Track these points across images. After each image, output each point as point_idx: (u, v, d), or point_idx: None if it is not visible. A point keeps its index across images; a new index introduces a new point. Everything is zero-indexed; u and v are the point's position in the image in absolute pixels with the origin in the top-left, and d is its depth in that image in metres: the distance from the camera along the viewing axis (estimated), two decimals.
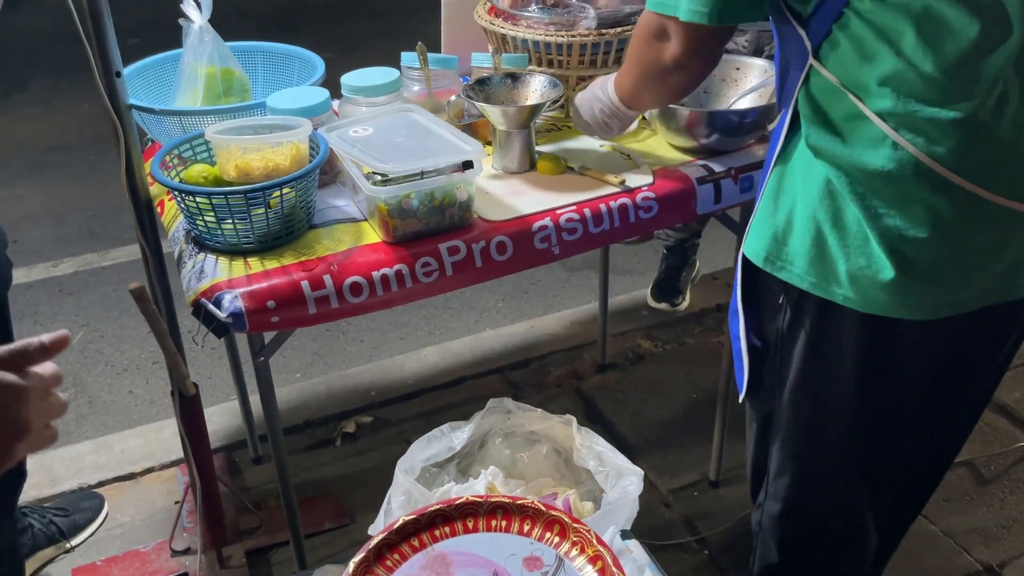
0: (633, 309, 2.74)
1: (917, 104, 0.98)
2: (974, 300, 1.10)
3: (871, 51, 0.99)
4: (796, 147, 1.11)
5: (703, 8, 1.06)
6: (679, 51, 1.14)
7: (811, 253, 1.10)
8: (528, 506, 1.07)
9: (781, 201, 1.13)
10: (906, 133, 0.99)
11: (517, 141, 1.54)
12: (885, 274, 1.05)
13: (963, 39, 0.95)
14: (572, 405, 2.34)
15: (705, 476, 2.10)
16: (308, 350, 2.70)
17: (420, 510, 1.07)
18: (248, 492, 2.07)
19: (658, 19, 1.13)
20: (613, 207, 1.47)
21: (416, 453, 1.42)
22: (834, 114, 1.05)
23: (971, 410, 1.33)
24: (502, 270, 1.42)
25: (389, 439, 2.24)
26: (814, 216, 1.08)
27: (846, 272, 1.08)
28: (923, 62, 0.96)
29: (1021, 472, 2.11)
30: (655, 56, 1.18)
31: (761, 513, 1.41)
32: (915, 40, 0.96)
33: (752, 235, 1.18)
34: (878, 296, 1.07)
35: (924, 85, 0.97)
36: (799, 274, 1.12)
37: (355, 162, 1.38)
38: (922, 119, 0.99)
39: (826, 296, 1.11)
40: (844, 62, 1.02)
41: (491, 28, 1.69)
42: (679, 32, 1.12)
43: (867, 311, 1.09)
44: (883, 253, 1.04)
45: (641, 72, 1.25)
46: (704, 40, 1.13)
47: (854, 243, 1.06)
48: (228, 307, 1.25)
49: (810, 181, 1.09)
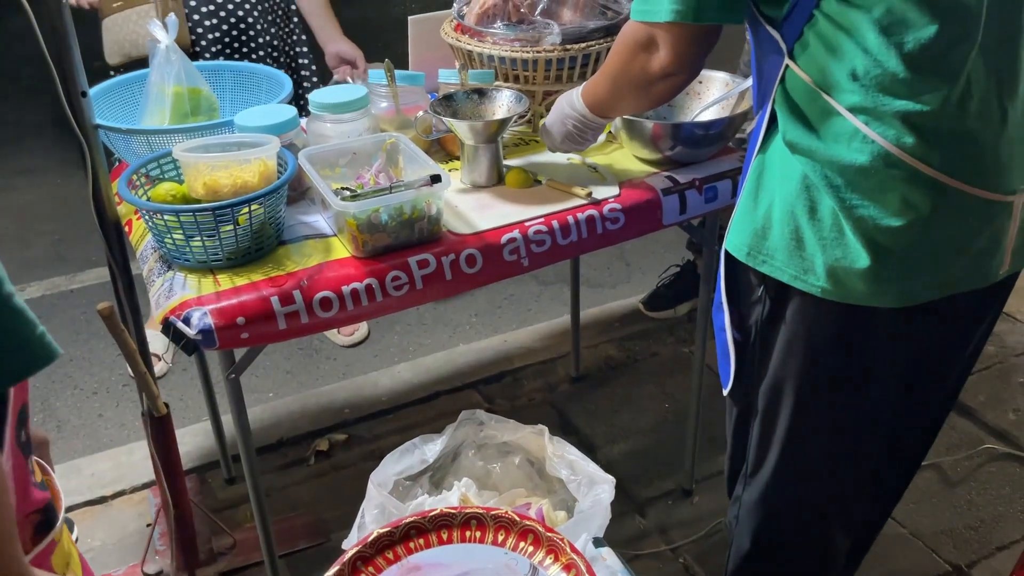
0: (605, 321, 2.76)
1: (885, 98, 1.02)
2: (947, 286, 1.13)
3: (839, 49, 1.03)
4: (774, 144, 1.15)
5: (681, 7, 1.09)
6: (668, 59, 1.16)
7: (790, 247, 1.14)
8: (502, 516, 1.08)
9: (760, 197, 1.17)
10: (876, 127, 1.04)
11: (485, 155, 1.55)
12: (861, 263, 1.09)
13: (924, 35, 1.00)
14: (546, 418, 2.35)
15: (679, 485, 2.11)
16: (280, 369, 2.68)
17: (394, 523, 1.07)
18: (221, 513, 2.05)
19: (645, 29, 1.16)
20: (580, 219, 1.48)
21: (389, 466, 1.42)
22: (808, 111, 1.09)
23: (943, 401, 1.37)
24: (472, 282, 1.43)
25: (363, 456, 2.23)
26: (792, 210, 1.12)
27: (823, 264, 1.11)
28: (888, 58, 1.01)
29: (987, 474, 2.15)
30: (641, 66, 1.20)
31: (739, 506, 1.42)
32: (879, 37, 1.00)
33: (733, 231, 1.21)
34: (855, 286, 1.11)
35: (891, 80, 1.02)
36: (779, 267, 1.16)
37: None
38: (890, 113, 1.03)
39: (805, 288, 1.14)
40: (815, 61, 1.06)
41: (457, 45, 1.71)
42: (667, 40, 1.14)
43: (845, 301, 1.13)
44: (858, 243, 1.08)
45: (626, 83, 1.26)
46: (691, 45, 1.15)
47: (830, 235, 1.10)
48: (197, 324, 1.25)
49: (787, 177, 1.12)
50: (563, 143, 1.50)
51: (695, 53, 1.17)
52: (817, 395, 1.24)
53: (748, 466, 1.38)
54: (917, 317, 1.15)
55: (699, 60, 1.19)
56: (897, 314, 1.14)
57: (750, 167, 1.19)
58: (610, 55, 1.27)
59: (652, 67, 1.18)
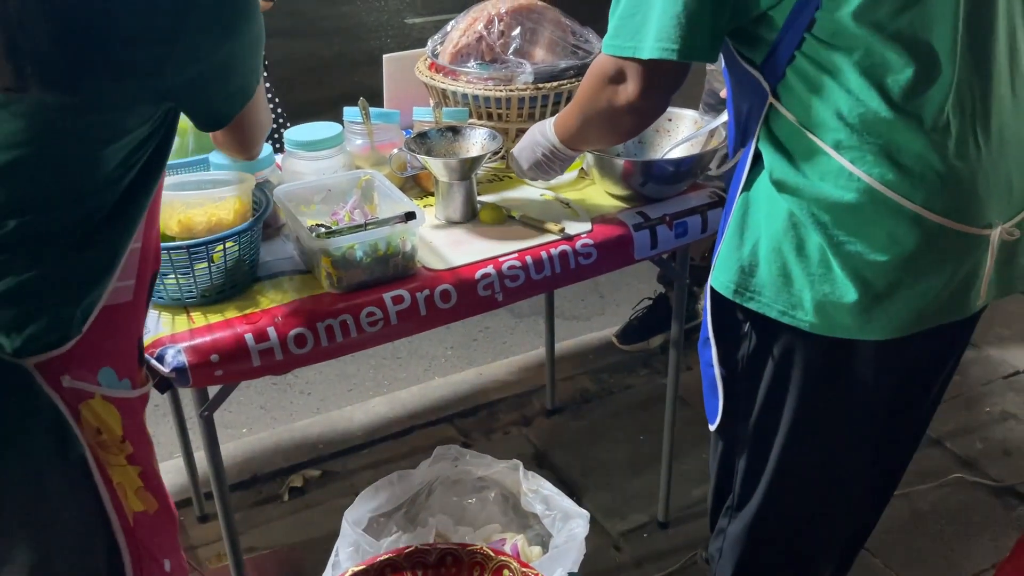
0: (580, 353, 2.77)
1: (870, 136, 1.06)
2: (929, 318, 1.16)
3: (823, 89, 1.07)
4: (758, 183, 1.17)
5: (673, 45, 1.08)
6: (635, 92, 1.15)
7: (777, 283, 1.16)
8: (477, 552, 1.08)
9: (746, 235, 1.19)
10: (861, 164, 1.07)
11: (459, 192, 1.57)
12: (849, 298, 1.11)
13: (903, 77, 1.03)
14: (521, 451, 2.35)
15: (654, 517, 2.12)
16: (254, 404, 2.66)
17: (369, 560, 1.07)
18: (193, 551, 2.02)
19: (615, 62, 1.16)
20: (554, 254, 1.50)
21: (363, 503, 1.42)
22: (794, 149, 1.11)
23: (917, 430, 1.40)
24: (446, 318, 1.44)
25: (338, 492, 2.22)
26: (779, 247, 1.14)
27: (812, 299, 1.14)
28: (870, 98, 1.04)
29: (957, 503, 2.18)
30: (608, 99, 1.20)
31: (723, 539, 1.43)
32: (860, 78, 1.04)
33: (719, 268, 1.23)
34: (843, 320, 1.14)
35: (874, 119, 1.05)
36: (767, 303, 1.18)
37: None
38: (875, 151, 1.06)
39: (793, 323, 1.17)
40: (800, 100, 1.09)
41: (432, 83, 1.73)
42: (637, 73, 1.14)
43: (832, 335, 1.16)
44: (846, 278, 1.11)
45: (593, 115, 1.27)
46: (662, 81, 1.15)
47: (818, 271, 1.12)
48: (171, 362, 1.24)
49: (773, 215, 1.14)
50: (530, 171, 1.51)
51: (664, 88, 1.17)
52: (806, 428, 1.26)
53: (734, 499, 1.40)
54: (898, 348, 1.18)
55: (667, 96, 1.19)
56: (881, 346, 1.17)
57: (734, 205, 1.20)
58: (580, 88, 1.28)
59: (618, 100, 1.18)
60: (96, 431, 1.03)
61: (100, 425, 1.03)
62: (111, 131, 0.95)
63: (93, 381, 1.02)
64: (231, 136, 1.17)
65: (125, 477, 1.08)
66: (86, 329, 0.99)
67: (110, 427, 1.04)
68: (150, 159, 1.01)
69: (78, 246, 0.97)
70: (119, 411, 1.05)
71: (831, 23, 1.02)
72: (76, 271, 0.98)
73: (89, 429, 1.02)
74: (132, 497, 1.08)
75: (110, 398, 1.04)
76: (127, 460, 1.08)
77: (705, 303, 1.29)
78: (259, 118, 1.18)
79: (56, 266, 0.96)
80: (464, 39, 1.75)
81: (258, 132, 1.21)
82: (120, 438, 1.06)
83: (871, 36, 1.02)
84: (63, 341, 0.97)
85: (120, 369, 1.07)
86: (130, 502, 1.08)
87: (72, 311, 0.98)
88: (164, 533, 1.16)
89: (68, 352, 0.98)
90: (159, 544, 1.14)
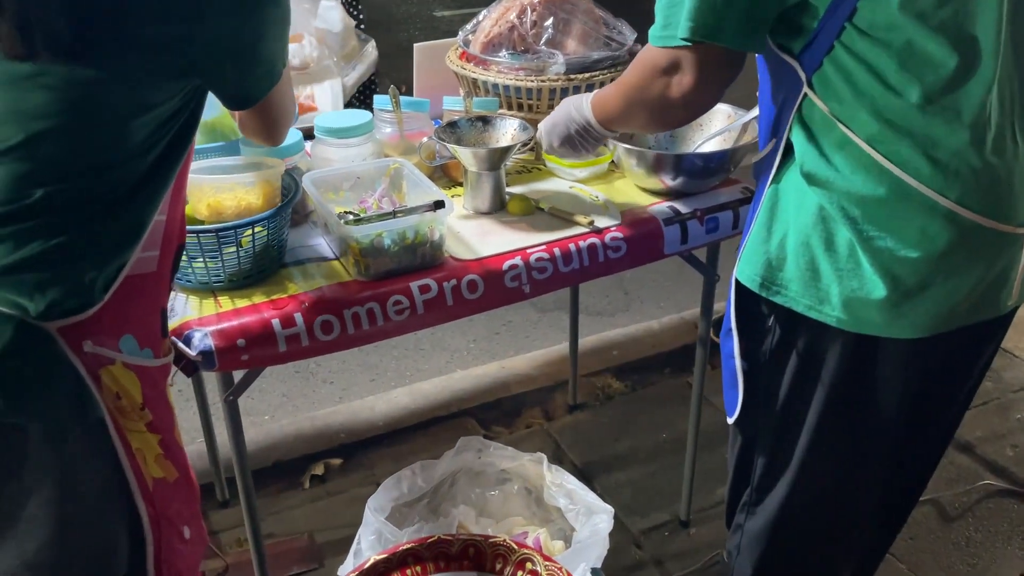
0: (603, 349, 2.75)
1: (904, 130, 1.03)
2: (959, 318, 1.14)
3: (859, 82, 1.04)
4: (788, 175, 1.15)
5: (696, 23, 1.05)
6: (690, 84, 1.12)
7: (805, 277, 1.14)
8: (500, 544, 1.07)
9: (775, 228, 1.17)
10: (895, 159, 1.04)
11: (488, 182, 1.56)
12: (877, 294, 1.09)
13: (944, 70, 1.01)
14: (542, 446, 2.34)
15: (676, 516, 2.10)
16: (277, 392, 2.67)
17: (391, 549, 1.07)
18: (215, 536, 2.03)
19: (667, 53, 1.12)
20: (582, 247, 1.49)
21: (387, 492, 1.42)
22: (826, 142, 1.09)
23: (943, 433, 1.37)
24: (473, 308, 1.43)
25: (359, 481, 2.22)
26: (807, 241, 1.13)
27: (839, 295, 1.12)
28: (908, 92, 1.02)
29: (985, 510, 2.14)
30: (660, 91, 1.16)
31: (740, 535, 1.41)
32: (899, 71, 1.02)
33: (745, 261, 1.21)
34: (871, 316, 1.12)
35: (910, 112, 1.03)
36: (794, 297, 1.16)
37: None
38: (909, 145, 1.04)
39: (820, 318, 1.15)
40: (834, 91, 1.07)
41: (462, 73, 1.72)
42: (692, 62, 1.11)
43: (860, 332, 1.14)
44: (875, 274, 1.09)
45: (639, 103, 1.23)
46: (715, 69, 1.12)
47: (846, 266, 1.11)
48: (198, 345, 1.24)
49: (803, 208, 1.13)
50: (561, 147, 1.47)
51: (718, 81, 1.13)
52: (830, 425, 1.24)
53: (752, 495, 1.38)
54: (927, 347, 1.15)
55: (720, 86, 1.15)
56: (909, 344, 1.14)
57: (763, 197, 1.19)
58: (626, 74, 1.24)
59: (672, 92, 1.15)
60: (115, 396, 1.05)
61: (120, 391, 1.05)
62: (138, 105, 0.97)
63: (114, 348, 1.04)
64: (256, 120, 1.19)
65: (144, 443, 1.10)
66: (108, 297, 1.01)
67: (129, 393, 1.06)
68: (177, 134, 1.03)
69: (103, 216, 0.99)
70: (139, 379, 1.07)
71: (874, 12, 1.00)
72: (100, 240, 1.00)
73: (108, 394, 1.04)
74: (152, 463, 1.10)
75: (131, 365, 1.06)
76: (147, 427, 1.10)
77: (729, 294, 1.27)
78: (284, 104, 1.21)
79: (81, 235, 0.98)
80: (496, 28, 1.74)
81: (283, 118, 1.23)
82: (140, 405, 1.08)
83: (914, 26, 0.99)
84: (85, 307, 0.99)
85: (142, 338, 1.09)
86: (150, 468, 1.10)
87: (95, 279, 1.00)
88: (184, 501, 1.18)
89: (90, 318, 1.00)
90: (178, 511, 1.16)
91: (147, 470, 1.10)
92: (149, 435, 1.11)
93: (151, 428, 1.11)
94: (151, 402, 1.10)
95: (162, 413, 1.13)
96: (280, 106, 1.19)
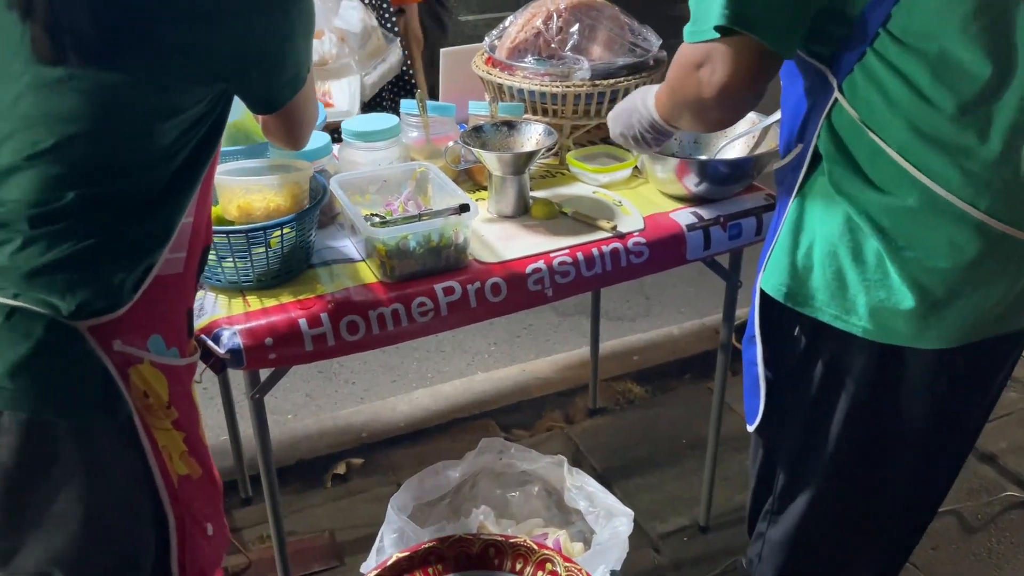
0: (624, 354, 2.76)
1: (935, 140, 1.02)
2: (986, 329, 1.14)
3: (890, 89, 1.03)
4: (816, 184, 1.14)
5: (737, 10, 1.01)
6: (724, 75, 1.06)
7: (832, 287, 1.14)
8: (520, 544, 1.08)
9: (801, 237, 1.16)
10: (925, 169, 1.03)
11: (512, 186, 1.57)
12: (906, 304, 1.09)
13: (978, 80, 0.99)
14: (562, 449, 2.34)
15: (695, 521, 2.10)
16: (300, 391, 2.70)
17: (413, 547, 1.08)
18: (237, 533, 2.06)
19: (698, 48, 1.08)
20: (605, 251, 1.50)
21: (409, 491, 1.43)
22: (855, 150, 1.08)
23: (966, 442, 1.37)
24: (496, 311, 1.44)
25: (380, 481, 2.24)
26: (834, 251, 1.12)
27: (866, 305, 1.11)
28: (941, 101, 1.01)
29: (1008, 522, 2.12)
30: (695, 86, 1.11)
31: (762, 543, 1.41)
32: (932, 81, 1.00)
33: (770, 270, 1.21)
34: (898, 327, 1.11)
35: (942, 123, 1.02)
36: (820, 307, 1.16)
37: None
38: (940, 155, 1.03)
39: (846, 328, 1.14)
40: (864, 99, 1.06)
41: (488, 78, 1.74)
42: (724, 56, 1.05)
43: (886, 342, 1.13)
44: (903, 285, 1.08)
45: (681, 100, 1.19)
46: (748, 63, 1.05)
47: (874, 277, 1.10)
48: (227, 343, 1.27)
49: (830, 217, 1.12)
50: (620, 136, 1.41)
51: (750, 74, 1.06)
52: (854, 434, 1.24)
53: (774, 503, 1.38)
54: (953, 357, 1.15)
55: (753, 82, 1.08)
56: (935, 354, 1.14)
57: (789, 206, 1.18)
58: (668, 72, 1.20)
59: (704, 91, 1.09)
60: (143, 395, 1.07)
61: (147, 389, 1.07)
62: (166, 109, 0.99)
63: (142, 347, 1.06)
64: (280, 125, 1.21)
65: (170, 441, 1.12)
66: (137, 298, 1.03)
67: (157, 392, 1.09)
68: (204, 137, 1.05)
69: (133, 219, 1.01)
70: (166, 377, 1.10)
71: (910, 18, 0.99)
72: (130, 242, 1.02)
73: (136, 392, 1.06)
74: (177, 461, 1.13)
75: (158, 364, 1.08)
76: (172, 425, 1.12)
77: (753, 302, 1.27)
78: (308, 109, 1.23)
79: (111, 237, 1.00)
80: (522, 34, 1.75)
81: (307, 123, 1.25)
82: (166, 403, 1.10)
83: (950, 34, 0.98)
84: (114, 307, 1.01)
85: (169, 338, 1.11)
86: (175, 465, 1.12)
87: (124, 280, 1.02)
88: (207, 498, 1.20)
89: (119, 318, 1.02)
90: (202, 508, 1.18)
91: (172, 467, 1.12)
92: (175, 432, 1.13)
93: (177, 426, 1.13)
94: (177, 400, 1.12)
95: (187, 411, 1.15)
96: (304, 110, 1.21)
